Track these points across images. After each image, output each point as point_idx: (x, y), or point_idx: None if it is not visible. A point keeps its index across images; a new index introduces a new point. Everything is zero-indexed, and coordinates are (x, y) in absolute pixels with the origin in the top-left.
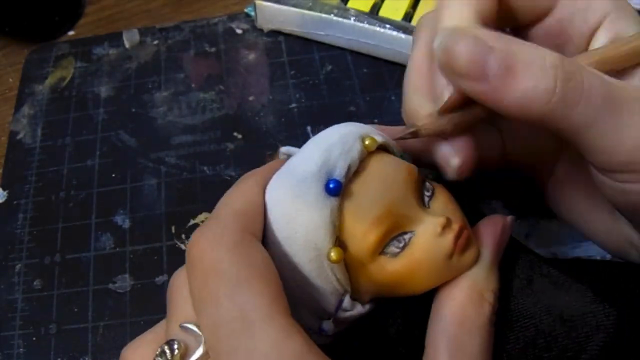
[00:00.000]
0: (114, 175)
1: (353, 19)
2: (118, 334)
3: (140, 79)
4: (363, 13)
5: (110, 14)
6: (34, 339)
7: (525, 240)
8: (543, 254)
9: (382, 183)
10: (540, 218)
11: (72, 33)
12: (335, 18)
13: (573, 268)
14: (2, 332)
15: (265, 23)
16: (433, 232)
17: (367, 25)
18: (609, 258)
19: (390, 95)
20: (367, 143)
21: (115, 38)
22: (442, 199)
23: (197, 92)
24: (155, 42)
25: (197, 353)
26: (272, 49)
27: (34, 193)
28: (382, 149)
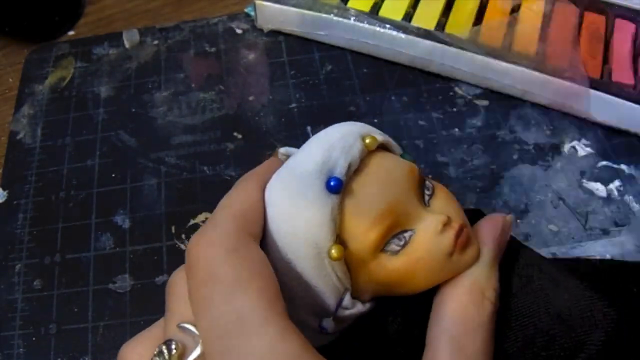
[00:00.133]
0: (114, 175)
1: (353, 19)
2: (118, 334)
3: (140, 79)
4: (363, 13)
5: (110, 14)
6: (34, 339)
7: (525, 241)
8: (543, 254)
9: (382, 181)
10: (541, 218)
11: (72, 33)
12: (335, 18)
13: (573, 268)
14: (2, 332)
15: (265, 23)
16: (434, 230)
17: (367, 25)
18: (609, 258)
19: (390, 95)
20: (367, 142)
21: (115, 38)
22: (442, 198)
23: (197, 92)
24: (155, 42)
25: (194, 353)
26: (272, 49)
27: (34, 193)
28: (382, 148)
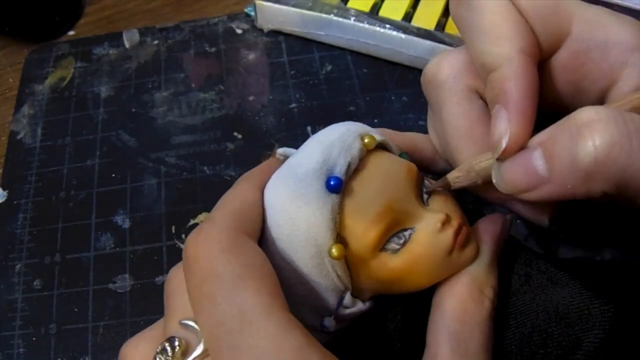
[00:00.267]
0: (114, 175)
1: (353, 19)
2: (118, 334)
3: (140, 79)
4: (363, 13)
5: (110, 14)
6: (34, 339)
7: (525, 241)
8: (543, 254)
9: (382, 180)
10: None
11: (72, 33)
12: (335, 18)
13: (572, 267)
14: (2, 332)
15: (265, 23)
16: (433, 228)
17: (367, 25)
18: (609, 258)
19: (390, 95)
20: (366, 141)
21: (115, 38)
22: (440, 197)
23: (197, 92)
24: (155, 42)
25: (197, 350)
26: (272, 49)
27: (34, 193)
28: (381, 148)
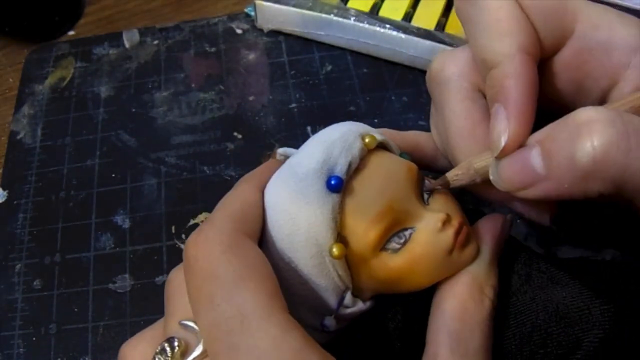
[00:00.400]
0: (114, 175)
1: (353, 19)
2: (118, 334)
3: (140, 79)
4: (363, 13)
5: (110, 14)
6: (34, 339)
7: (525, 240)
8: (543, 254)
9: (382, 180)
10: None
11: (72, 33)
12: (335, 18)
13: (572, 267)
14: (2, 332)
15: (265, 23)
16: (433, 227)
17: (367, 25)
18: (609, 258)
19: (390, 95)
20: (367, 141)
21: (115, 38)
22: (441, 197)
23: (197, 92)
24: (155, 42)
25: (197, 350)
26: (272, 49)
27: (34, 193)
28: (381, 147)
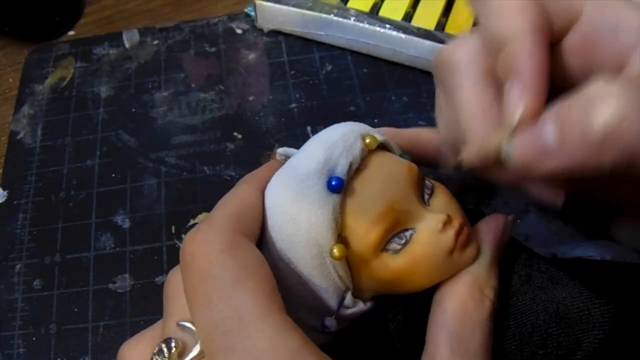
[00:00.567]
0: (114, 175)
1: (353, 19)
2: (118, 334)
3: (140, 79)
4: (363, 13)
5: (110, 14)
6: (34, 339)
7: (525, 241)
8: (543, 254)
9: (383, 180)
10: (541, 218)
11: (72, 33)
12: (335, 18)
13: (572, 267)
14: (2, 332)
15: (265, 23)
16: (434, 228)
17: (367, 25)
18: (609, 258)
19: (390, 95)
20: (367, 141)
21: (115, 38)
22: (442, 197)
23: (197, 92)
24: (155, 42)
25: (194, 351)
26: (272, 49)
27: (34, 193)
28: (382, 148)
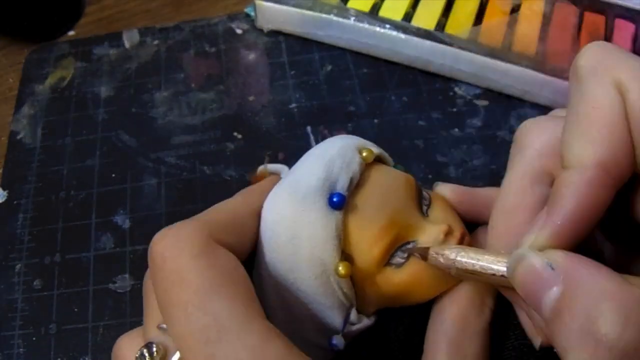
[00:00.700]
0: (114, 175)
1: (353, 19)
2: (118, 334)
3: (140, 79)
4: (363, 13)
5: (110, 14)
6: (34, 339)
7: None
8: None
9: (383, 194)
10: None
11: (72, 33)
12: (335, 18)
13: None
14: (2, 332)
15: (265, 23)
16: (436, 239)
17: (367, 25)
18: None
19: (390, 95)
20: (364, 155)
21: (115, 38)
22: (440, 207)
23: (197, 92)
24: (155, 42)
25: (177, 354)
26: (272, 49)
27: (34, 193)
28: (377, 160)
